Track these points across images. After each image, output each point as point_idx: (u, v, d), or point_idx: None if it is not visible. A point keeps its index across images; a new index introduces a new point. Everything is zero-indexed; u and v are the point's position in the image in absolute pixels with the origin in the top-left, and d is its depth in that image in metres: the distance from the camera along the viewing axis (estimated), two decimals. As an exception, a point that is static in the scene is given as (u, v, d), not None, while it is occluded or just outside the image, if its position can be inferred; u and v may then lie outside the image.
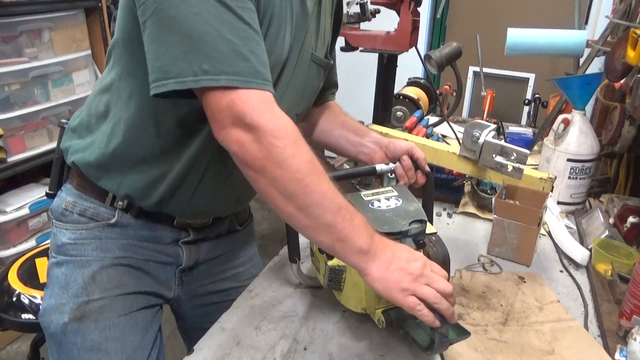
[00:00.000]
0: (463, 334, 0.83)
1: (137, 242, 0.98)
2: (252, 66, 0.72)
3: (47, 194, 1.08)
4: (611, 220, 1.34)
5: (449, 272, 0.88)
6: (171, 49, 0.71)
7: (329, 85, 1.16)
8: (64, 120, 1.05)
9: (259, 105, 0.72)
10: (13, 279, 1.40)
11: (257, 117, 0.71)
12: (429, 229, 0.93)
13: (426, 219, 0.88)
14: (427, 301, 0.75)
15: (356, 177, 1.04)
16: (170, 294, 1.07)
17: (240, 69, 0.71)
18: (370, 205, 0.89)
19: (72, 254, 0.96)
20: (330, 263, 0.89)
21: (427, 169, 1.04)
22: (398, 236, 0.84)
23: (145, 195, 0.93)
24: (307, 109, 1.05)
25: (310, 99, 1.05)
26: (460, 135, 1.40)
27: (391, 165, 1.03)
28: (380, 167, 1.02)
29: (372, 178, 1.36)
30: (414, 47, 1.55)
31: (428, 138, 1.57)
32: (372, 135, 1.11)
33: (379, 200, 0.90)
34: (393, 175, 1.02)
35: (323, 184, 0.74)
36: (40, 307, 0.99)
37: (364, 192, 0.93)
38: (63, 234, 0.97)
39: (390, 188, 0.96)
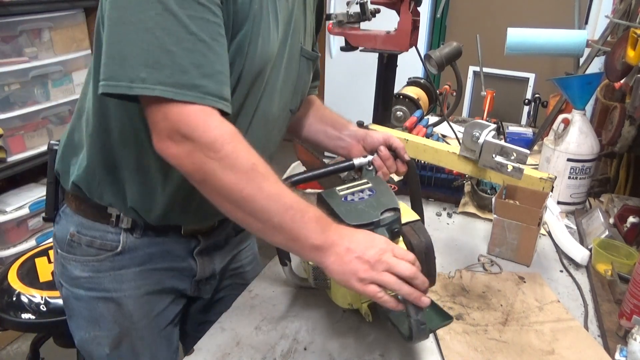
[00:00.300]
0: (445, 319, 0.82)
1: (150, 265, 0.97)
2: (190, 79, 0.70)
3: (44, 219, 1.05)
4: (611, 220, 1.34)
5: (434, 259, 0.87)
6: (110, 50, 0.70)
7: (312, 79, 1.15)
8: (53, 142, 1.02)
9: (193, 118, 0.71)
10: (13, 279, 1.41)
11: (190, 131, 0.70)
12: (411, 216, 0.92)
13: (398, 206, 0.87)
14: (387, 288, 0.74)
15: (336, 174, 1.03)
16: (188, 295, 1.09)
17: (176, 80, 0.69)
18: (343, 199, 0.89)
19: (89, 287, 0.96)
20: (312, 262, 0.89)
21: (407, 157, 1.03)
22: (370, 227, 0.83)
23: (150, 206, 0.91)
24: (300, 103, 1.04)
25: (303, 93, 1.04)
26: (460, 135, 1.40)
27: (369, 157, 1.02)
28: (358, 160, 1.02)
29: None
30: (414, 47, 1.55)
31: (428, 138, 1.57)
32: (350, 128, 1.10)
33: (352, 194, 0.90)
34: (372, 167, 1.02)
35: (266, 187, 0.73)
36: (74, 336, 1.02)
37: (339, 187, 0.92)
38: (74, 267, 0.96)
39: (365, 180, 0.95)
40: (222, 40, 0.74)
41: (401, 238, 0.88)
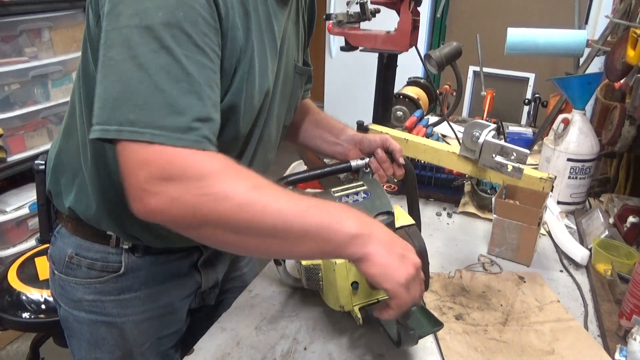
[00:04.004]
0: (436, 325, 0.82)
1: (154, 285, 0.95)
2: (185, 121, 0.63)
3: (40, 241, 1.01)
4: (611, 220, 1.34)
5: (427, 265, 0.87)
6: (103, 92, 0.64)
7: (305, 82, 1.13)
8: (38, 162, 0.96)
9: (182, 160, 0.62)
10: (13, 279, 1.41)
11: (181, 172, 0.62)
12: (406, 220, 0.92)
13: (393, 210, 0.87)
14: (412, 300, 0.70)
15: (333, 175, 1.04)
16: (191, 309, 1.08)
17: (169, 123, 0.62)
18: (337, 201, 0.89)
19: (91, 310, 0.94)
20: (304, 263, 0.88)
21: (402, 160, 1.02)
22: None
23: (151, 233, 0.89)
24: (292, 115, 1.04)
25: (296, 107, 1.04)
26: (460, 135, 1.40)
27: (366, 159, 1.02)
28: (355, 162, 1.02)
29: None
30: (414, 47, 1.55)
31: (428, 138, 1.57)
32: (347, 132, 1.10)
33: (347, 196, 0.90)
34: (368, 169, 1.02)
35: (274, 202, 0.64)
36: (74, 355, 1.00)
37: (334, 189, 0.92)
38: (75, 289, 0.93)
39: (360, 183, 0.95)
40: (217, 89, 0.69)
41: None
